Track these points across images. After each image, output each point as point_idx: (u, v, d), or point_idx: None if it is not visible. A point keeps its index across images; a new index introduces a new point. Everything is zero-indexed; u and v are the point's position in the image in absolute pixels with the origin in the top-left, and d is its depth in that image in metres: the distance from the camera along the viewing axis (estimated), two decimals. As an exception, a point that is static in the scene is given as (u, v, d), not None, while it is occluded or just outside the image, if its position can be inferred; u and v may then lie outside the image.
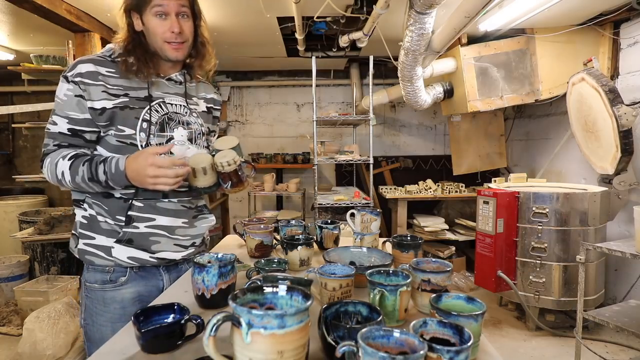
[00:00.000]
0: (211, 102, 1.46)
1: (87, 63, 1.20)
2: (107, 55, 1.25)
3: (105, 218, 1.23)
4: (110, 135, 1.21)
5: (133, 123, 1.21)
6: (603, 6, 3.05)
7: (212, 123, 1.45)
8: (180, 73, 1.34)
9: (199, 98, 1.40)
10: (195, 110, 1.36)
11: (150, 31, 1.23)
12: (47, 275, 3.06)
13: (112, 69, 1.23)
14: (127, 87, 1.23)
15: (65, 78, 1.20)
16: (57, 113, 1.21)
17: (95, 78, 1.19)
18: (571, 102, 3.22)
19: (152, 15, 1.21)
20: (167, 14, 1.21)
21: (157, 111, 1.25)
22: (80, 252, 1.26)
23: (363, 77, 5.06)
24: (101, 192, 1.23)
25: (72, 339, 2.44)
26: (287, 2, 2.90)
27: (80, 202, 1.27)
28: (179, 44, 1.25)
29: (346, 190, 4.57)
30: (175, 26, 1.22)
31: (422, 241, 1.31)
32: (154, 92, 1.26)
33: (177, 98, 1.31)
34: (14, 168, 5.55)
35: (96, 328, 1.25)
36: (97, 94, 1.18)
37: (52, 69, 3.20)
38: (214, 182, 1.25)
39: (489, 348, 0.86)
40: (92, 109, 1.19)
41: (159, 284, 1.31)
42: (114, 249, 1.23)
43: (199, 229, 1.37)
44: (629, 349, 2.84)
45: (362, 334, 0.64)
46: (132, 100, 1.22)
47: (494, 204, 3.00)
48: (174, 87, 1.32)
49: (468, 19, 2.23)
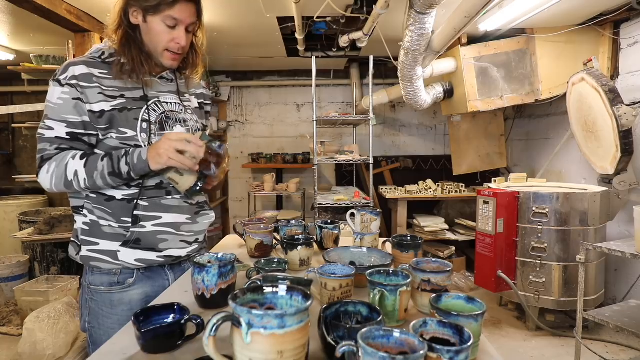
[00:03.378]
0: (201, 97, 1.46)
1: (79, 65, 1.18)
2: (96, 57, 1.23)
3: (109, 222, 1.22)
4: (111, 137, 1.19)
5: (133, 124, 1.20)
6: (603, 6, 3.05)
7: (205, 118, 1.46)
8: (171, 71, 1.34)
9: (190, 94, 1.41)
10: (189, 106, 1.37)
11: (152, 34, 1.20)
12: (47, 275, 3.05)
13: (104, 70, 1.21)
14: (122, 87, 1.22)
15: (57, 82, 1.17)
16: (52, 117, 1.17)
17: (90, 80, 1.17)
18: (571, 102, 3.22)
19: (161, 20, 1.18)
20: (176, 26, 1.20)
21: (155, 110, 1.25)
22: (84, 259, 1.24)
23: (363, 77, 5.05)
24: (102, 196, 1.22)
25: (72, 339, 2.44)
26: (287, 2, 2.90)
27: (79, 209, 1.25)
28: (178, 55, 1.25)
29: (346, 190, 4.57)
30: (182, 39, 1.21)
31: (422, 241, 1.31)
32: (149, 91, 1.26)
33: (171, 96, 1.32)
34: (14, 168, 5.55)
35: (103, 331, 1.24)
36: (94, 96, 1.17)
37: (52, 69, 3.19)
38: (196, 177, 1.21)
39: (489, 348, 0.86)
40: (91, 112, 1.17)
41: (165, 283, 1.31)
42: (120, 253, 1.22)
43: (201, 225, 1.37)
44: (629, 349, 2.84)
45: (362, 334, 0.64)
46: (129, 101, 1.21)
47: (494, 204, 3.00)
48: (166, 85, 1.32)
49: (468, 19, 2.23)
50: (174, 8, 1.17)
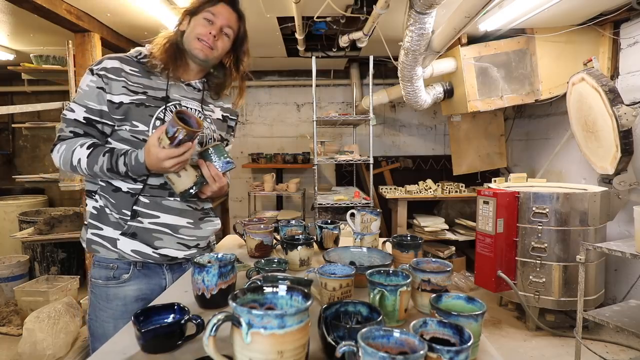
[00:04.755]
0: (227, 111, 1.48)
1: (113, 60, 1.26)
2: (133, 56, 1.30)
3: (112, 211, 1.26)
4: (125, 130, 1.24)
5: (147, 120, 1.24)
6: (603, 6, 3.05)
7: (226, 132, 1.47)
8: (200, 81, 1.37)
9: (215, 106, 1.43)
10: (210, 116, 1.39)
11: (190, 28, 1.29)
12: (47, 275, 3.05)
13: (135, 68, 1.28)
14: (147, 86, 1.27)
15: (90, 71, 1.26)
16: (76, 101, 1.25)
17: (118, 74, 1.24)
18: (571, 102, 3.22)
19: (201, 17, 1.29)
20: (214, 23, 1.29)
21: (172, 112, 1.27)
22: (88, 242, 1.30)
23: (363, 77, 5.05)
24: (110, 186, 1.26)
25: (72, 339, 2.44)
26: (287, 2, 2.90)
27: (92, 193, 1.30)
28: (208, 47, 1.29)
29: (346, 190, 4.57)
30: (215, 31, 1.28)
31: (422, 241, 1.31)
32: (172, 94, 1.30)
33: (194, 103, 1.35)
34: (14, 168, 5.55)
35: (99, 323, 1.28)
36: (117, 88, 1.23)
37: (52, 69, 3.20)
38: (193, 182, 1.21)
39: (489, 348, 0.86)
40: (110, 102, 1.23)
41: (161, 282, 1.32)
42: (119, 241, 1.25)
43: (205, 231, 1.38)
44: (629, 349, 2.84)
45: (362, 334, 0.64)
46: (149, 98, 1.26)
47: (494, 204, 3.00)
48: (191, 92, 1.36)
49: (468, 19, 2.23)
50: (215, 6, 1.29)
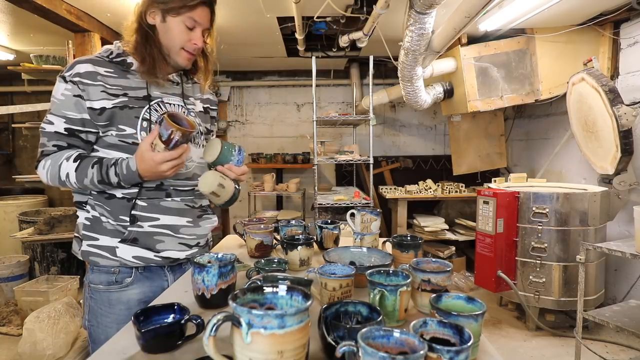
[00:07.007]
0: (207, 102, 1.46)
1: (85, 63, 1.20)
2: (105, 56, 1.25)
3: (108, 219, 1.23)
4: (111, 135, 1.20)
5: (133, 122, 1.21)
6: (603, 6, 3.05)
7: (210, 123, 1.46)
8: (177, 74, 1.34)
9: (195, 98, 1.41)
10: (193, 110, 1.37)
11: (171, 34, 1.23)
12: (47, 275, 3.05)
13: (110, 69, 1.23)
14: (126, 86, 1.23)
15: (62, 78, 1.20)
16: (54, 112, 1.20)
17: (94, 78, 1.19)
18: (571, 102, 3.22)
19: (181, 21, 1.22)
20: (194, 29, 1.24)
21: (157, 110, 1.26)
22: (84, 254, 1.25)
23: (363, 77, 5.05)
24: (103, 194, 1.23)
25: (72, 339, 2.44)
26: (287, 2, 2.90)
27: (82, 204, 1.27)
28: (193, 56, 1.28)
29: (346, 190, 4.57)
30: (199, 40, 1.26)
31: (422, 241, 1.31)
32: (153, 91, 1.27)
33: (175, 98, 1.32)
34: (14, 168, 5.55)
35: (101, 329, 1.25)
36: (96, 94, 1.18)
37: (52, 69, 3.20)
38: (233, 188, 1.29)
39: (489, 348, 0.86)
40: (91, 109, 1.18)
41: (164, 284, 1.31)
42: (119, 249, 1.23)
43: (204, 228, 1.38)
44: (629, 349, 2.84)
45: (362, 334, 0.64)
46: (132, 99, 1.22)
47: (494, 204, 3.00)
48: (171, 87, 1.33)
49: (468, 19, 2.23)
50: (194, 11, 1.22)
